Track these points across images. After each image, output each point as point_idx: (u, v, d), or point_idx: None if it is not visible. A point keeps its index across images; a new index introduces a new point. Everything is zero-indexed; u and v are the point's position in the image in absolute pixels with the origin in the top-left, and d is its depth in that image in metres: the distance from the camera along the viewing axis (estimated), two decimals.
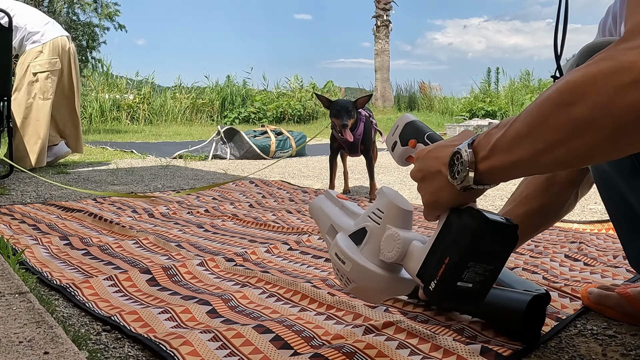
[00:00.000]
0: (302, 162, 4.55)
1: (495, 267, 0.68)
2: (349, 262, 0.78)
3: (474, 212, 0.67)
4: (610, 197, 0.96)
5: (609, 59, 0.50)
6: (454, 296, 0.68)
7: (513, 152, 0.59)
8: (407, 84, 16.23)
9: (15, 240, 1.65)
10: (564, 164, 0.57)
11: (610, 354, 0.93)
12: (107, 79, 11.58)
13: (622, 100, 0.48)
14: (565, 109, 0.52)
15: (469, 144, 0.65)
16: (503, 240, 0.68)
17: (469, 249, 0.66)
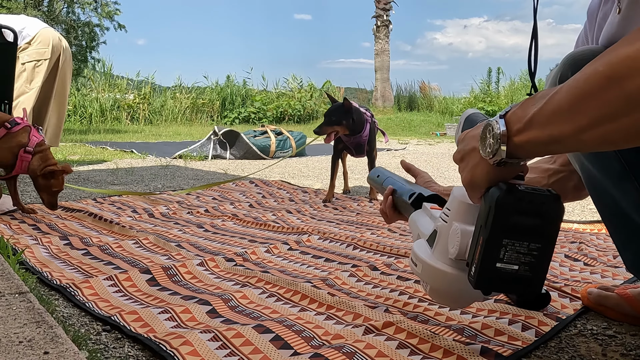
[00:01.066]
0: (302, 162, 4.55)
1: (543, 245, 0.62)
2: (420, 263, 0.77)
3: (502, 184, 0.62)
4: (602, 201, 0.96)
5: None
6: (498, 280, 0.63)
7: (553, 127, 0.56)
8: (407, 84, 16.24)
9: (15, 240, 1.65)
10: (610, 143, 0.53)
11: (610, 354, 0.93)
12: (108, 79, 11.58)
13: None
14: (617, 82, 0.49)
15: (502, 115, 0.62)
16: (541, 212, 0.61)
17: (497, 224, 0.61)
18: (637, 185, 0.85)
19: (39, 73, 3.51)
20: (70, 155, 4.66)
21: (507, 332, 0.98)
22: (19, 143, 2.02)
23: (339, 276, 1.32)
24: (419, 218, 0.86)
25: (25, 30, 3.53)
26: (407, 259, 0.78)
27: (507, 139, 0.60)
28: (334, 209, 2.40)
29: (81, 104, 10.49)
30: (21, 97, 3.46)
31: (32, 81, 3.49)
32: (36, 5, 9.17)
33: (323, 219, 2.16)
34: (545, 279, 0.65)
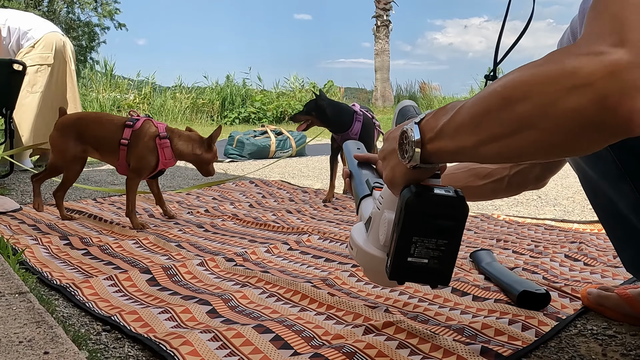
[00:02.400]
0: (302, 162, 4.55)
1: (449, 241, 0.68)
2: (355, 247, 0.82)
3: (413, 186, 0.68)
4: (599, 203, 0.96)
5: (556, 62, 0.51)
6: (409, 272, 0.69)
7: (457, 139, 0.60)
8: (407, 84, 16.22)
9: (15, 240, 1.65)
10: (504, 158, 0.58)
11: (610, 354, 0.93)
12: (109, 79, 11.58)
13: (563, 104, 0.49)
14: (510, 104, 0.53)
15: (416, 122, 0.66)
16: (447, 212, 0.67)
17: (407, 223, 0.67)
18: (633, 186, 0.85)
19: (41, 78, 3.53)
20: None
21: (507, 332, 0.98)
22: (151, 134, 1.96)
23: (339, 276, 1.32)
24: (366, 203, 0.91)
25: (31, 32, 3.55)
26: None
27: (421, 147, 0.65)
28: (334, 209, 2.40)
29: (81, 104, 10.48)
30: (26, 100, 3.47)
31: (34, 85, 3.51)
32: (36, 5, 9.17)
33: (323, 219, 2.16)
34: (453, 270, 0.70)
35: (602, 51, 0.49)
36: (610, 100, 0.47)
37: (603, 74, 0.48)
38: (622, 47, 0.48)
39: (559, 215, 2.25)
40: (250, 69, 23.49)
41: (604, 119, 0.48)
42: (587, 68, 0.48)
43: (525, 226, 2.00)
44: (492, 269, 1.32)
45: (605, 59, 0.48)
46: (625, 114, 0.47)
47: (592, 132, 0.50)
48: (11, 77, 3.19)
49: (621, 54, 0.48)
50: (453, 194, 0.67)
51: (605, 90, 0.48)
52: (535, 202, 2.56)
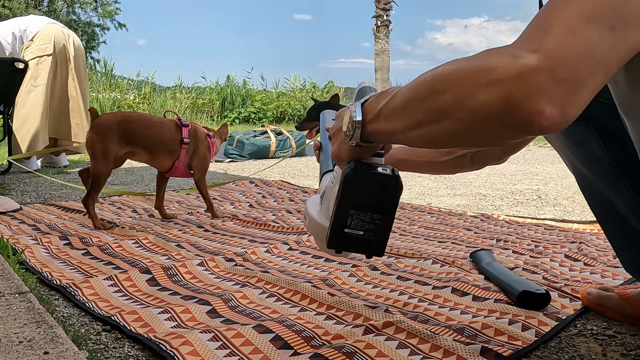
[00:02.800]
0: (302, 162, 4.55)
1: (384, 216, 0.72)
2: (308, 217, 0.87)
3: (353, 162, 0.71)
4: (597, 204, 0.96)
5: (479, 59, 0.55)
6: (346, 242, 0.73)
7: (390, 122, 0.65)
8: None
9: (15, 240, 1.65)
10: (428, 143, 0.63)
11: (610, 354, 0.93)
12: (109, 79, 11.58)
13: (475, 98, 0.53)
14: (433, 95, 0.57)
15: (362, 103, 0.70)
16: (382, 189, 0.71)
17: (344, 196, 0.71)
18: (629, 186, 0.85)
19: (43, 69, 3.50)
20: (70, 155, 4.66)
21: (507, 332, 0.98)
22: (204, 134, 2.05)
23: (339, 276, 1.32)
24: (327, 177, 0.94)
25: (29, 28, 3.55)
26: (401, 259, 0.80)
27: (362, 126, 0.69)
28: None
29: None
30: (30, 94, 3.46)
31: (37, 78, 3.48)
32: (36, 5, 9.18)
33: None
34: (387, 243, 0.74)
35: (518, 55, 0.51)
36: (513, 99, 0.51)
37: (512, 75, 0.51)
38: (535, 52, 0.51)
39: (559, 215, 2.25)
40: (253, 69, 23.37)
41: (508, 116, 0.52)
42: (501, 68, 0.52)
43: (525, 226, 2.00)
44: (492, 269, 1.32)
45: (518, 61, 0.51)
46: (525, 114, 0.50)
47: (497, 127, 0.53)
48: (12, 75, 3.20)
49: (532, 59, 0.50)
50: (389, 172, 0.71)
51: (511, 90, 0.51)
52: (535, 202, 2.56)
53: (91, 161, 1.90)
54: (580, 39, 0.51)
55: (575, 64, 0.50)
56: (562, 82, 0.50)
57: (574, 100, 0.51)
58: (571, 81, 0.50)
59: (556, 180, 3.23)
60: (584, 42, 0.51)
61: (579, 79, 0.51)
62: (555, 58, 0.50)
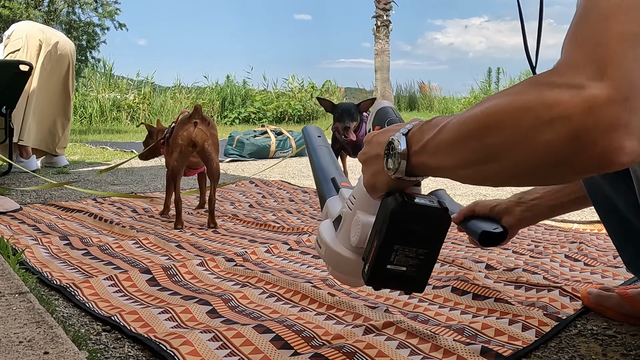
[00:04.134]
0: (302, 162, 4.55)
1: (429, 250, 0.68)
2: (323, 246, 0.81)
3: (398, 195, 0.67)
4: (600, 202, 0.96)
5: (534, 91, 0.50)
6: (387, 279, 0.69)
7: (437, 158, 0.60)
8: (407, 84, 16.23)
9: (15, 240, 1.65)
10: (481, 183, 0.58)
11: (610, 354, 0.93)
12: (109, 79, 11.58)
13: (537, 136, 0.48)
14: (485, 132, 0.52)
15: (404, 133, 0.65)
16: (429, 223, 0.67)
17: (390, 232, 0.67)
18: (631, 185, 0.85)
19: None
20: (70, 155, 4.66)
21: (507, 332, 0.98)
22: None
23: None
24: (334, 200, 0.90)
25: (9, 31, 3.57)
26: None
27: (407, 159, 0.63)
28: None
29: (81, 104, 10.48)
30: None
31: None
32: (37, 5, 9.17)
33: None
34: (429, 278, 0.71)
35: (581, 84, 0.47)
36: (585, 137, 0.46)
37: (581, 109, 0.46)
38: (601, 81, 0.46)
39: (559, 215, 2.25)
40: (252, 69, 23.36)
41: (578, 155, 0.47)
42: (565, 102, 0.47)
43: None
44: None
45: (584, 93, 0.46)
46: (600, 152, 0.46)
47: (563, 166, 0.49)
48: (16, 77, 3.19)
49: (600, 89, 0.46)
50: (437, 204, 0.67)
51: (581, 126, 0.46)
52: None
53: (214, 156, 1.96)
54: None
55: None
56: (637, 112, 0.46)
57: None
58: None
59: None
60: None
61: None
62: (627, 87, 0.46)
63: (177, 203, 1.93)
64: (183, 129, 1.91)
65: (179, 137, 1.90)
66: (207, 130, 1.92)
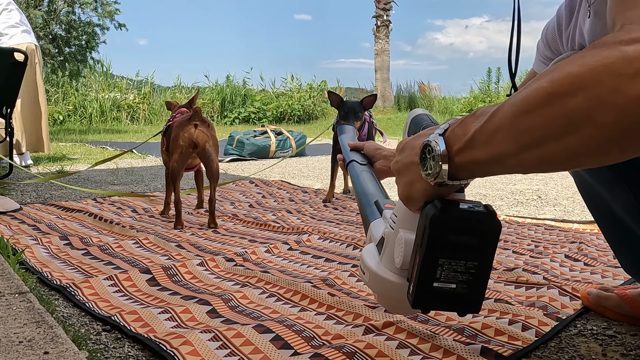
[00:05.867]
0: (302, 162, 4.55)
1: (480, 263, 0.60)
2: (367, 272, 0.75)
3: (437, 201, 0.60)
4: (596, 206, 0.96)
5: (610, 48, 0.46)
6: (435, 299, 0.61)
7: (495, 145, 0.52)
8: (408, 84, 16.22)
9: (15, 240, 1.65)
10: (554, 164, 0.51)
11: (610, 354, 0.93)
12: (107, 79, 11.57)
13: (626, 92, 0.43)
14: (560, 100, 0.47)
15: (440, 134, 0.58)
16: (476, 231, 0.59)
17: (432, 244, 0.59)
18: (627, 188, 0.85)
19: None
20: (70, 155, 4.66)
21: (507, 332, 0.98)
22: None
23: (339, 276, 1.32)
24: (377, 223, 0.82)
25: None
26: None
27: (448, 160, 0.57)
28: (334, 209, 2.40)
29: (81, 104, 10.49)
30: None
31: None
32: (36, 5, 9.17)
33: (323, 218, 2.16)
34: (484, 296, 0.63)
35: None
36: None
37: None
38: None
39: (559, 215, 2.25)
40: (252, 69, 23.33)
41: None
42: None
43: (525, 226, 2.00)
44: None
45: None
46: None
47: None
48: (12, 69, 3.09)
49: None
50: (483, 209, 0.60)
51: None
52: (535, 202, 2.56)
53: (214, 157, 1.97)
54: None
55: None
56: None
57: None
58: None
59: (556, 180, 3.23)
60: None
61: None
62: None
63: (177, 204, 1.94)
64: (184, 131, 1.91)
65: (180, 138, 1.91)
66: (207, 132, 1.94)
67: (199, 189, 2.33)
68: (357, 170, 0.98)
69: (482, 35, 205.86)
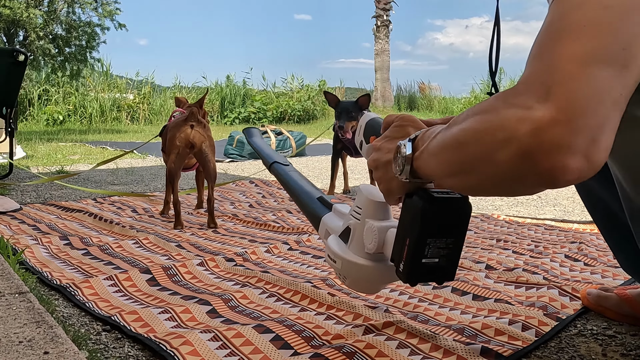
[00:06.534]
0: (302, 162, 4.55)
1: (456, 239, 0.72)
2: (338, 260, 0.84)
3: (422, 192, 0.71)
4: (595, 206, 0.96)
5: (492, 111, 0.52)
6: (424, 273, 0.72)
7: (430, 166, 0.63)
8: (407, 84, 16.23)
9: (15, 240, 1.65)
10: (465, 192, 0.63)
11: (610, 354, 0.93)
12: (107, 79, 11.58)
13: (496, 155, 0.51)
14: (459, 149, 0.56)
15: (411, 139, 0.67)
16: (454, 213, 0.71)
17: (423, 227, 0.70)
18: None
19: None
20: (70, 155, 4.66)
21: (507, 332, 0.98)
22: None
23: None
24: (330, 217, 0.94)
25: None
26: None
27: (411, 162, 0.66)
28: None
29: (81, 104, 10.49)
30: None
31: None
32: (37, 4, 9.17)
33: None
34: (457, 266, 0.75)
35: (529, 105, 0.49)
36: (532, 157, 0.48)
37: (527, 131, 0.48)
38: (546, 102, 0.48)
39: (559, 215, 2.25)
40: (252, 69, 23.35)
41: (529, 173, 0.49)
42: (515, 123, 0.49)
43: (525, 226, 2.00)
44: None
45: (531, 115, 0.48)
46: (547, 170, 0.48)
47: (517, 183, 0.52)
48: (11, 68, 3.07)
49: (544, 110, 0.48)
50: (457, 195, 0.70)
51: (528, 147, 0.48)
52: (535, 202, 2.56)
53: (211, 157, 1.97)
54: (593, 82, 0.48)
55: (592, 109, 0.47)
56: (581, 131, 0.47)
57: (598, 147, 0.48)
58: (590, 128, 0.47)
59: None
60: (598, 85, 0.48)
61: (598, 124, 0.48)
62: (570, 108, 0.47)
63: (176, 204, 1.94)
64: (180, 131, 1.92)
65: (177, 139, 1.92)
66: (203, 132, 1.95)
67: (198, 189, 2.34)
68: (285, 170, 1.10)
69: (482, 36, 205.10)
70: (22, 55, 3.12)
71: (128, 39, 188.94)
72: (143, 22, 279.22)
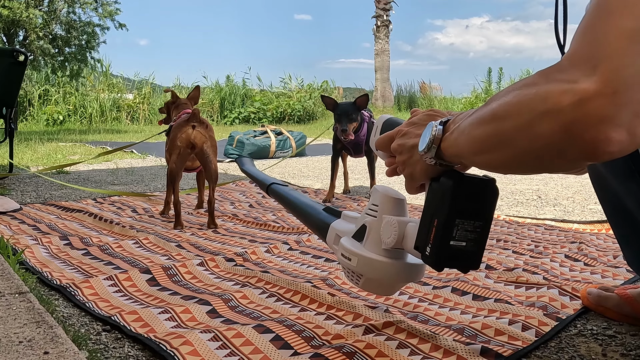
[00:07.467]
0: (302, 162, 4.55)
1: (484, 222, 0.72)
2: (354, 257, 0.84)
3: (450, 172, 0.71)
4: (607, 198, 0.96)
5: (534, 85, 0.53)
6: (451, 256, 0.72)
7: (461, 145, 0.64)
8: (408, 84, 16.24)
9: (15, 240, 1.65)
10: (495, 169, 0.62)
11: (610, 354, 0.93)
12: (107, 79, 11.58)
13: (535, 128, 0.51)
14: (496, 123, 0.57)
15: (443, 121, 0.68)
16: (483, 195, 0.72)
17: (452, 206, 0.70)
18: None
19: None
20: (70, 155, 4.66)
21: (507, 332, 0.98)
22: None
23: (339, 276, 1.32)
24: (340, 223, 0.95)
25: None
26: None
27: (438, 144, 0.67)
28: None
29: (81, 104, 10.49)
30: None
31: None
32: (37, 5, 9.18)
33: None
34: (483, 254, 0.74)
35: (574, 79, 0.49)
36: (575, 128, 0.49)
37: (570, 102, 0.48)
38: (593, 76, 0.48)
39: (559, 215, 2.25)
40: (250, 69, 23.45)
41: (570, 146, 0.50)
42: (558, 95, 0.50)
43: (525, 226, 2.00)
44: None
45: (576, 87, 0.49)
46: (589, 142, 0.48)
47: (558, 157, 0.52)
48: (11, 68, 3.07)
49: (590, 83, 0.48)
50: (485, 177, 0.71)
51: (571, 118, 0.49)
52: (535, 202, 2.56)
53: (212, 158, 1.98)
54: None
55: (638, 84, 0.48)
56: (626, 105, 0.47)
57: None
58: (636, 102, 0.48)
59: (556, 180, 3.23)
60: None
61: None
62: (616, 81, 0.48)
63: (176, 205, 1.94)
64: (181, 132, 1.92)
65: (178, 139, 1.92)
66: (205, 133, 1.94)
67: (199, 189, 2.34)
68: (285, 189, 1.12)
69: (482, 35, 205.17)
70: (22, 55, 3.12)
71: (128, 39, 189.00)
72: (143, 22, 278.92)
